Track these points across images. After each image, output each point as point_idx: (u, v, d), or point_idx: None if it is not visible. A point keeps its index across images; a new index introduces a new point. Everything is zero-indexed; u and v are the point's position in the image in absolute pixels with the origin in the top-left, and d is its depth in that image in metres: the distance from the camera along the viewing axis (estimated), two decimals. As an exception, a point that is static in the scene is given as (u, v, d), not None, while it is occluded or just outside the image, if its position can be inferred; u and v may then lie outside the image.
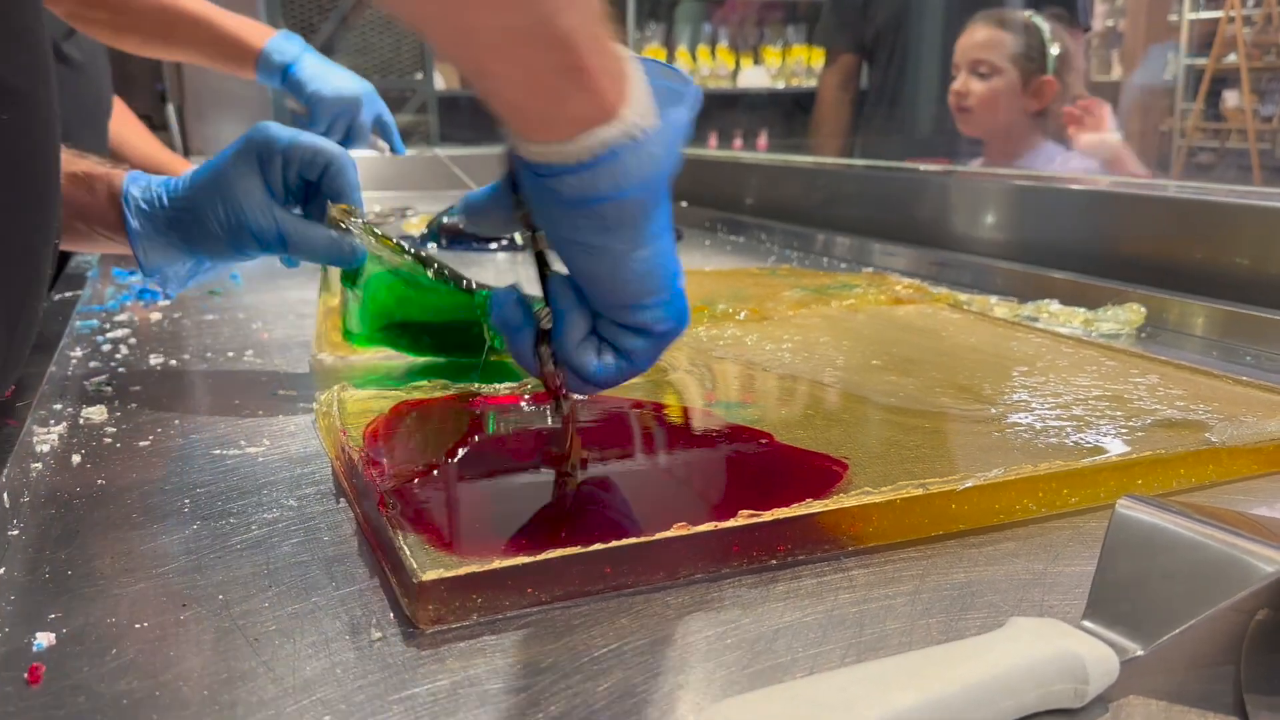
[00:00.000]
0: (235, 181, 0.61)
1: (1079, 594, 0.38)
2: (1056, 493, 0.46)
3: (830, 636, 0.35)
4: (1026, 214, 1.11)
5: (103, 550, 0.43)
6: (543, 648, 0.35)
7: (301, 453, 0.54)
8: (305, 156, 0.63)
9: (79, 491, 0.49)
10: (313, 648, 0.35)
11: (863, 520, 0.42)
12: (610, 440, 0.53)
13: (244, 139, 0.63)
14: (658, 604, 0.38)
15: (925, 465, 0.47)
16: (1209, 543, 0.34)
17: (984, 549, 0.42)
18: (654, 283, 0.45)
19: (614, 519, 0.43)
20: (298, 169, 0.63)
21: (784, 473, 0.47)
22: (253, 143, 0.62)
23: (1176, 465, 0.49)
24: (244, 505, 0.47)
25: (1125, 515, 0.36)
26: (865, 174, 1.44)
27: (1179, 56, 5.17)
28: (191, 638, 0.36)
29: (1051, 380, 0.61)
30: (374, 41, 2.71)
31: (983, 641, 0.31)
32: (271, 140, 0.62)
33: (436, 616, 0.36)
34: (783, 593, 0.39)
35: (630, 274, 0.44)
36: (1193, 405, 0.56)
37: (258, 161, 0.62)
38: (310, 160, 0.63)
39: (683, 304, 0.46)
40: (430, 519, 0.41)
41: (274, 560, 0.42)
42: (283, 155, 0.62)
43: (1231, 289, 0.84)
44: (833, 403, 0.58)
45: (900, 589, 0.39)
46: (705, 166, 1.83)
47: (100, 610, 0.38)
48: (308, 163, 0.63)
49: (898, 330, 0.77)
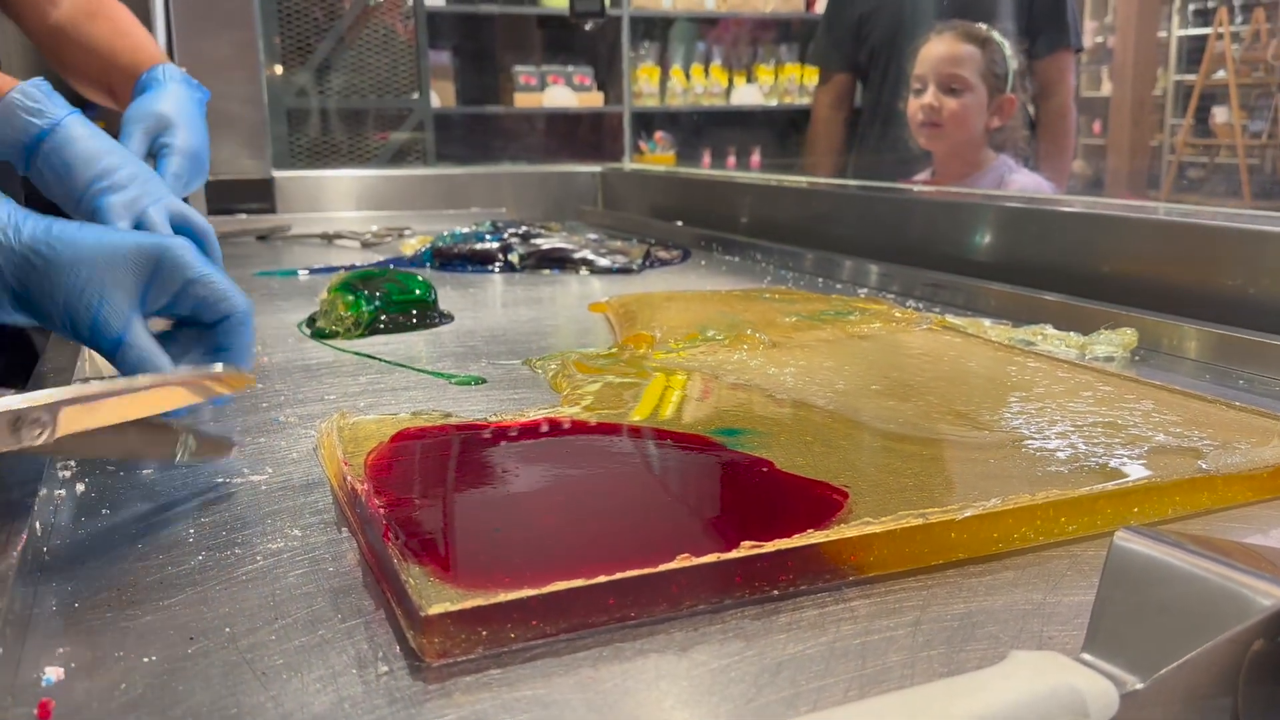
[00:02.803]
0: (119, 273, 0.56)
1: (1078, 624, 0.39)
2: (1054, 521, 0.46)
3: (834, 669, 0.36)
4: (1019, 235, 1.12)
5: (109, 581, 0.43)
6: (549, 682, 0.35)
7: (304, 480, 0.55)
8: (211, 298, 0.59)
9: (83, 521, 0.49)
10: (320, 682, 0.35)
11: (864, 550, 0.43)
12: (609, 467, 0.54)
13: (159, 241, 0.58)
14: (661, 636, 0.38)
15: (924, 494, 0.48)
16: (1206, 576, 0.34)
17: (983, 579, 0.43)
18: None
19: (617, 549, 0.43)
20: (191, 305, 0.59)
21: (785, 502, 0.47)
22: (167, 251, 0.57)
23: (1172, 493, 0.49)
24: (248, 535, 0.48)
25: (1123, 548, 0.36)
26: (859, 194, 1.45)
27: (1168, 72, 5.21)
28: (199, 671, 0.36)
29: (1048, 406, 0.62)
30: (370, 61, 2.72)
31: (984, 676, 0.32)
32: (184, 265, 0.58)
33: (442, 650, 0.36)
34: (785, 624, 0.39)
35: None
36: (1187, 431, 0.56)
37: (156, 268, 0.57)
38: (214, 303, 0.59)
39: None
40: (434, 550, 0.41)
41: (280, 592, 0.42)
42: (184, 285, 0.58)
43: (1222, 311, 0.84)
44: (832, 429, 0.58)
45: (901, 620, 0.39)
46: (700, 186, 1.85)
47: (108, 643, 0.38)
48: (209, 304, 0.59)
49: (897, 354, 0.77)
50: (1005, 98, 1.56)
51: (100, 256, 0.56)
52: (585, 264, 1.30)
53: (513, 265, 1.31)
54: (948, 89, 1.56)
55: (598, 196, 2.12)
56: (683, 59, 4.18)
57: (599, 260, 1.31)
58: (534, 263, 1.31)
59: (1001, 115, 1.57)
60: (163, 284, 0.58)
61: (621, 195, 2.08)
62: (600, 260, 1.31)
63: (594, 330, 0.95)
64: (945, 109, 1.56)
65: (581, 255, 1.32)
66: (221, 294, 0.59)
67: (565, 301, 1.13)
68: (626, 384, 0.68)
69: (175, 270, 0.57)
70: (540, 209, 2.04)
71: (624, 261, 1.31)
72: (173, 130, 0.91)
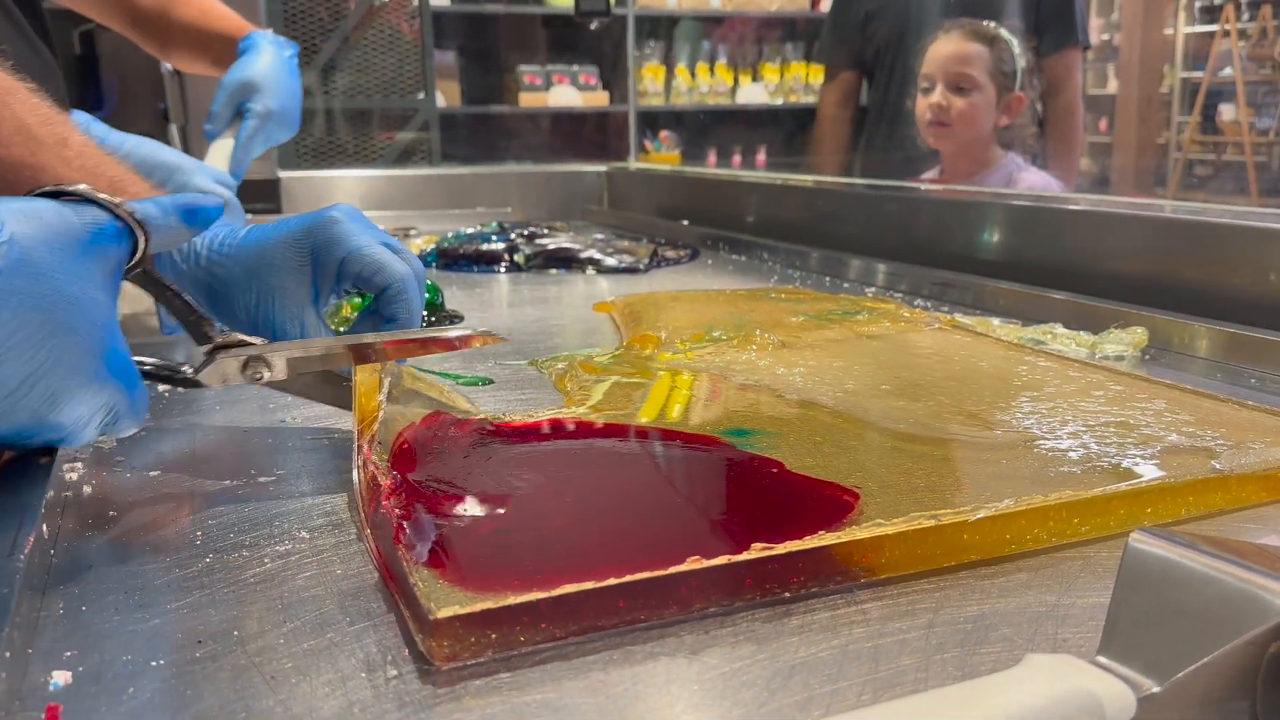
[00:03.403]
0: (280, 272, 0.58)
1: (1092, 626, 0.38)
2: (1067, 522, 0.46)
3: (846, 672, 0.35)
4: (1028, 234, 1.11)
5: (117, 584, 0.43)
6: (559, 686, 0.35)
7: (312, 481, 0.55)
8: (365, 272, 0.59)
9: (91, 524, 0.49)
10: (329, 686, 0.35)
11: (875, 552, 0.42)
12: (621, 468, 0.53)
13: (306, 224, 0.59)
14: (672, 639, 0.38)
15: (936, 495, 0.47)
16: (1223, 578, 0.34)
17: (996, 580, 0.42)
18: None
19: (627, 551, 0.43)
20: (352, 281, 0.59)
21: (796, 503, 0.47)
22: (314, 233, 0.59)
23: (1185, 493, 0.49)
24: (256, 537, 0.47)
25: (1138, 550, 0.36)
26: (867, 193, 1.44)
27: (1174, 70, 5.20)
28: (208, 675, 0.36)
29: (1059, 406, 0.61)
30: (376, 61, 2.72)
31: (999, 680, 0.31)
32: (333, 243, 0.58)
33: (452, 653, 0.36)
34: (797, 626, 0.39)
35: None
36: (1200, 431, 0.56)
37: (311, 254, 0.58)
38: (369, 277, 0.59)
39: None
40: (444, 552, 0.41)
41: (288, 594, 0.42)
42: (340, 263, 0.58)
43: (1233, 309, 0.84)
44: (843, 429, 0.58)
45: (914, 622, 0.39)
46: (707, 185, 1.84)
47: (116, 647, 0.38)
48: (365, 278, 0.59)
49: (906, 354, 0.77)
50: (1014, 96, 1.55)
51: (262, 265, 0.58)
52: (591, 263, 1.30)
53: (518, 265, 1.30)
54: (955, 88, 1.55)
55: (603, 196, 2.12)
56: (688, 58, 4.17)
57: (605, 260, 1.30)
58: (540, 263, 1.31)
59: (1010, 113, 1.56)
60: (324, 268, 0.59)
61: (627, 195, 2.07)
62: (606, 260, 1.30)
63: (600, 330, 0.94)
64: (953, 108, 1.55)
65: (588, 255, 1.32)
66: (376, 266, 0.59)
67: (572, 301, 1.12)
68: (634, 385, 0.68)
69: (330, 250, 0.58)
70: (546, 209, 2.04)
71: (630, 261, 1.30)
72: (257, 95, 1.07)
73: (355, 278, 0.59)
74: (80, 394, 0.44)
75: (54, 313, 0.43)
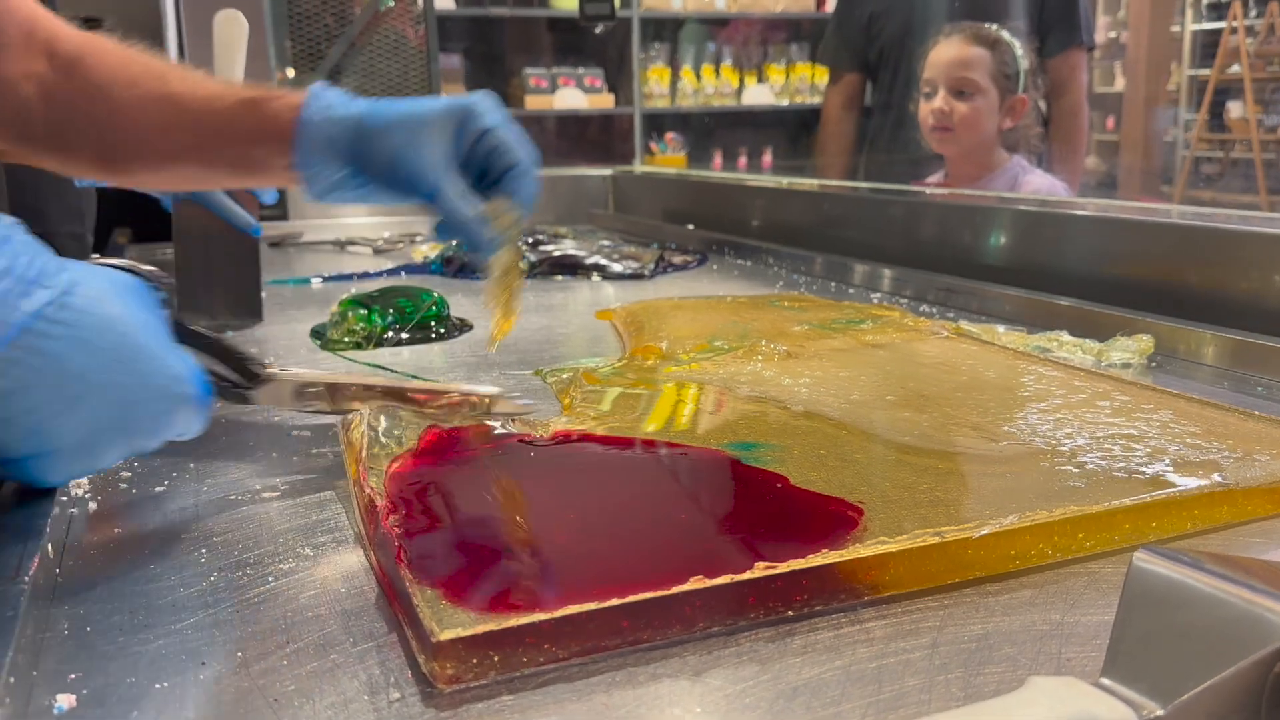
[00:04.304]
0: (429, 126, 0.63)
1: (1096, 645, 0.38)
2: (1072, 537, 0.46)
3: (849, 694, 0.35)
4: (1033, 239, 1.11)
5: (121, 604, 0.43)
6: (562, 708, 0.35)
7: (316, 498, 0.55)
8: (499, 148, 0.65)
9: (95, 541, 0.49)
10: (332, 709, 0.35)
11: (879, 569, 0.42)
12: (624, 484, 0.53)
13: (458, 100, 0.65)
14: (675, 659, 0.38)
15: (940, 510, 0.47)
16: (1228, 598, 0.33)
17: (1000, 598, 0.42)
18: None
19: (630, 570, 0.43)
20: (484, 156, 0.65)
21: (799, 520, 0.47)
22: (464, 106, 0.64)
23: (1191, 507, 0.49)
24: (260, 555, 0.47)
25: (1142, 569, 0.35)
26: (872, 197, 1.44)
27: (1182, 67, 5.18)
28: (211, 698, 0.36)
29: (1065, 417, 0.61)
30: (381, 65, 2.73)
31: (1003, 704, 0.31)
32: (478, 115, 0.65)
33: (455, 676, 0.36)
34: (800, 647, 0.39)
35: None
36: (1206, 443, 0.56)
37: (459, 121, 0.64)
38: (501, 154, 0.65)
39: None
40: (446, 573, 0.41)
41: (291, 614, 0.42)
42: (480, 134, 0.65)
43: (1240, 316, 0.83)
44: (847, 442, 0.58)
45: (918, 641, 0.39)
46: (712, 189, 1.84)
47: (119, 669, 0.38)
48: (499, 153, 0.65)
49: (912, 364, 0.77)
50: (1017, 98, 1.54)
51: (412, 119, 0.64)
52: (597, 270, 1.30)
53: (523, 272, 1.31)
54: (957, 92, 1.54)
55: (609, 200, 2.12)
56: (693, 59, 4.17)
57: (610, 266, 1.30)
58: (545, 269, 1.31)
59: (1014, 116, 1.55)
60: (466, 136, 0.65)
61: (632, 198, 2.07)
62: (611, 266, 1.30)
63: (605, 339, 0.94)
64: (956, 113, 1.54)
65: (593, 261, 1.32)
66: (510, 145, 0.65)
67: (577, 309, 1.12)
68: (637, 397, 0.68)
69: (475, 120, 0.65)
70: (551, 213, 2.04)
71: (635, 267, 1.30)
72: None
73: (491, 151, 0.65)
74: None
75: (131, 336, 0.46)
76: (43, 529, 0.48)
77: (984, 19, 1.63)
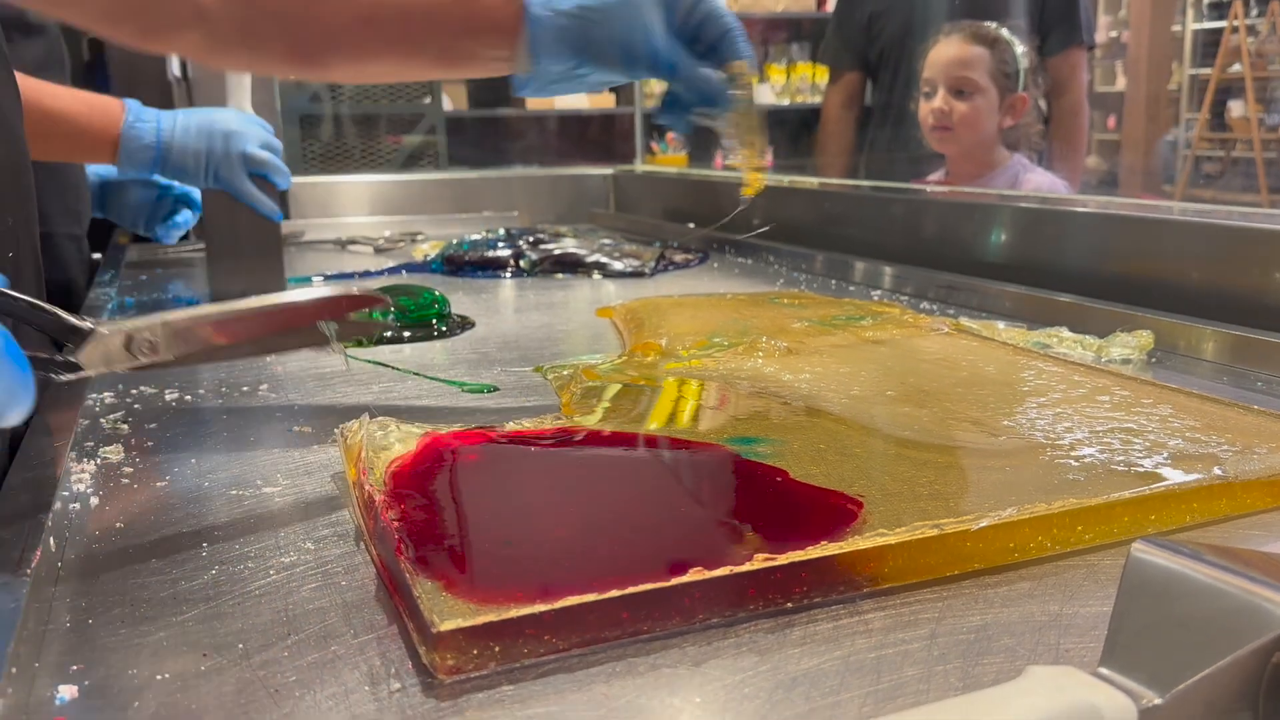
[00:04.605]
0: (649, 9, 0.66)
1: (1095, 636, 0.38)
2: (1070, 530, 0.46)
3: (848, 684, 0.35)
4: (1034, 236, 1.11)
5: (122, 597, 0.43)
6: (562, 698, 0.35)
7: (317, 492, 0.55)
8: (710, 15, 0.68)
9: (97, 535, 0.49)
10: (333, 699, 0.35)
11: (878, 561, 0.42)
12: (624, 477, 0.53)
13: None
14: (675, 650, 0.38)
15: (940, 503, 0.47)
16: (1226, 588, 0.34)
17: (999, 589, 0.42)
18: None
19: (630, 562, 0.43)
20: (696, 25, 0.68)
21: (799, 513, 0.47)
22: None
23: (1190, 500, 0.49)
24: (261, 548, 0.48)
25: (1141, 560, 0.36)
26: (872, 195, 1.44)
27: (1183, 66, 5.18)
28: (212, 689, 0.36)
29: (1065, 412, 0.61)
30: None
31: (1001, 693, 0.31)
32: None
33: (455, 666, 0.36)
34: (799, 638, 0.39)
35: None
36: (1205, 437, 0.56)
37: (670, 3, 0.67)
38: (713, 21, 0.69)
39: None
40: (447, 564, 0.41)
41: (292, 606, 0.42)
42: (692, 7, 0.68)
43: (1240, 312, 0.84)
44: (847, 436, 0.58)
45: (917, 633, 0.39)
46: (712, 188, 1.84)
47: (121, 661, 0.38)
48: (710, 21, 0.68)
49: (912, 359, 0.77)
50: (1017, 97, 1.55)
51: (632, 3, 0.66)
52: (597, 268, 1.30)
53: (524, 270, 1.31)
54: (957, 92, 1.54)
55: (609, 199, 2.12)
56: (694, 59, 4.17)
57: (611, 264, 1.30)
58: (546, 268, 1.31)
59: (1014, 114, 1.56)
60: (679, 8, 0.68)
61: (633, 197, 2.08)
62: (612, 264, 1.30)
63: (606, 336, 0.94)
64: (955, 112, 1.54)
65: (593, 259, 1.32)
66: (720, 11, 0.70)
67: (577, 306, 1.12)
68: (637, 393, 0.68)
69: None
70: (552, 212, 2.04)
71: (636, 265, 1.30)
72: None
73: (704, 20, 0.69)
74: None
75: None
76: (44, 522, 0.48)
77: (984, 18, 1.64)
